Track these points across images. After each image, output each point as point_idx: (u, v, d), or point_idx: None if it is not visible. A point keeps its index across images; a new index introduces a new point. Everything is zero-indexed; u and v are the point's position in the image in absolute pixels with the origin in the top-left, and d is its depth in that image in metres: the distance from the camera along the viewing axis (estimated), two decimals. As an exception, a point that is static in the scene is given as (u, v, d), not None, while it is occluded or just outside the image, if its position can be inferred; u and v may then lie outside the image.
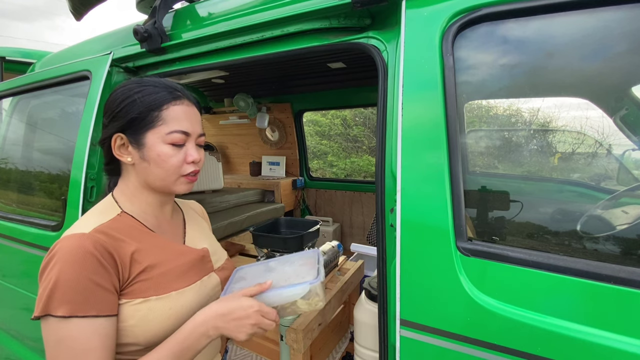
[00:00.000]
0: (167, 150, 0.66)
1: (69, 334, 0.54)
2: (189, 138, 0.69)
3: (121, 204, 0.70)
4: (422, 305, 0.73)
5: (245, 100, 2.88)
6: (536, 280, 0.65)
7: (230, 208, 2.65)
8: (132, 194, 0.71)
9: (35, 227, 1.46)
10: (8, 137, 1.85)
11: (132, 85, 0.68)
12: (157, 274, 0.65)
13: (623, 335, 0.57)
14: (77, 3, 1.35)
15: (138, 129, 0.66)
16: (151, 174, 0.68)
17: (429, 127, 0.74)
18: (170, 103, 0.67)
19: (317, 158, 7.42)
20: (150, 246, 0.67)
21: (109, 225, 0.64)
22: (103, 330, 0.57)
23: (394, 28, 0.86)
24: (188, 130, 0.68)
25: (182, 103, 0.69)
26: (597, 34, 0.69)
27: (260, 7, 1.01)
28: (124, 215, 0.69)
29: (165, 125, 0.66)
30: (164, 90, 0.68)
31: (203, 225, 0.88)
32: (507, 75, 0.78)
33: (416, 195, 0.74)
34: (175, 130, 0.67)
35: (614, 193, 0.82)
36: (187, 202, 0.93)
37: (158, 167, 0.67)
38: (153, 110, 0.66)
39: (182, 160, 0.68)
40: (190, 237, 0.80)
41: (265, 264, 0.80)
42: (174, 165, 0.67)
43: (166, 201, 0.76)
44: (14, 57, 2.60)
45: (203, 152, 0.75)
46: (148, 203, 0.72)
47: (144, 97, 0.66)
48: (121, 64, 1.30)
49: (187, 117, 0.69)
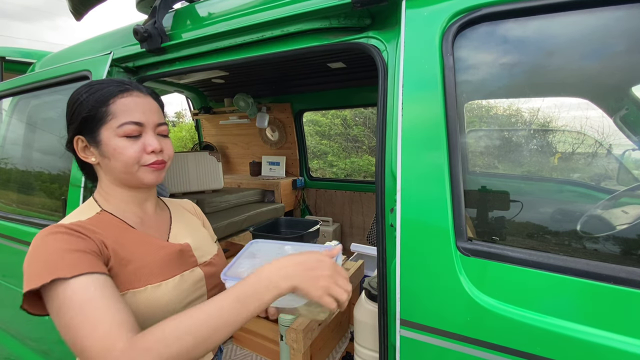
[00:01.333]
0: (122, 143, 0.67)
1: (67, 294, 0.52)
2: (144, 128, 0.69)
3: (100, 204, 0.72)
4: (422, 305, 0.73)
5: (245, 100, 2.88)
6: (536, 280, 0.65)
7: (230, 208, 2.65)
8: (107, 193, 0.73)
9: (35, 227, 1.46)
10: (8, 137, 1.85)
11: (81, 89, 0.70)
12: (134, 268, 0.65)
13: (623, 335, 0.57)
14: (77, 3, 1.35)
15: (92, 128, 0.67)
16: (113, 169, 0.68)
17: (429, 127, 0.74)
18: (117, 96, 0.67)
19: (317, 158, 7.42)
20: (128, 241, 0.68)
21: (86, 221, 0.66)
22: (100, 282, 0.55)
23: (394, 28, 0.86)
24: (140, 120, 0.68)
25: (131, 95, 0.69)
26: (597, 34, 0.69)
27: (260, 7, 1.00)
28: (103, 214, 0.70)
29: (115, 119, 0.66)
30: (110, 85, 0.69)
31: (191, 221, 0.88)
32: (507, 75, 0.78)
33: (416, 195, 0.74)
34: (126, 121, 0.66)
35: (614, 193, 0.82)
36: (178, 201, 0.93)
37: (117, 160, 0.67)
38: (101, 106, 0.66)
39: (139, 150, 0.68)
40: (175, 233, 0.79)
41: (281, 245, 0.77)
42: (132, 156, 0.67)
43: (144, 198, 0.76)
44: (14, 57, 2.60)
45: (169, 142, 0.74)
46: (124, 201, 0.73)
47: (91, 96, 0.67)
48: (121, 64, 1.30)
49: (138, 107, 0.69)
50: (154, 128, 0.70)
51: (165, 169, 0.74)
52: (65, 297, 0.52)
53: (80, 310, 0.51)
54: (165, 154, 0.72)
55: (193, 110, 3.43)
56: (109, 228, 0.67)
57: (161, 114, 0.74)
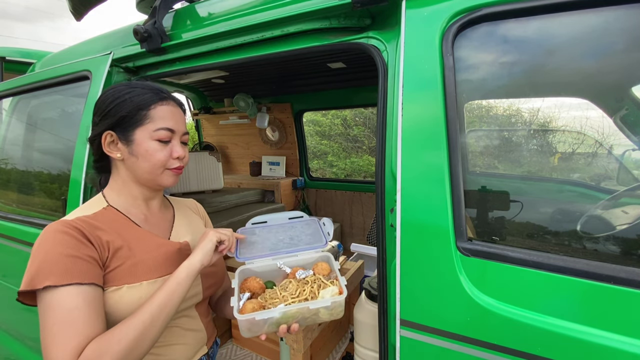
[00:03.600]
0: (155, 146, 0.72)
1: (53, 301, 0.57)
2: (174, 135, 0.75)
3: (109, 198, 0.76)
4: (422, 305, 0.73)
5: (245, 100, 2.88)
6: (536, 280, 0.65)
7: (230, 208, 2.65)
8: (120, 188, 0.77)
9: (35, 227, 1.46)
10: (8, 137, 1.85)
11: (121, 87, 0.74)
12: (131, 263, 0.68)
13: (623, 335, 0.57)
14: (77, 3, 1.35)
15: (127, 127, 0.72)
16: (139, 168, 0.73)
17: (429, 127, 0.74)
18: (157, 103, 0.73)
19: (317, 158, 7.42)
20: (129, 236, 0.71)
21: (91, 216, 0.70)
22: (87, 295, 0.59)
23: (394, 28, 0.86)
24: (173, 127, 0.75)
25: (168, 104, 0.75)
26: (597, 34, 0.69)
27: (260, 7, 1.00)
28: (109, 209, 0.74)
29: (152, 123, 0.72)
30: (151, 92, 0.74)
31: (193, 220, 0.91)
32: (507, 75, 0.78)
33: (416, 195, 0.74)
34: (162, 127, 0.73)
35: (614, 193, 0.82)
36: (182, 200, 0.97)
37: (146, 161, 0.72)
38: (142, 109, 0.72)
39: (168, 155, 0.74)
40: (176, 232, 0.83)
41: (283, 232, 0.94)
42: (161, 159, 0.73)
43: (152, 196, 0.81)
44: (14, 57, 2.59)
45: (187, 150, 0.80)
46: (134, 196, 0.78)
47: (133, 98, 0.72)
48: (121, 64, 1.30)
49: (173, 116, 0.75)
50: (180, 136, 0.77)
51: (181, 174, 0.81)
52: (52, 303, 0.57)
53: (62, 320, 0.56)
54: (184, 161, 0.78)
55: (193, 110, 3.42)
56: (112, 223, 0.71)
57: (185, 124, 0.80)
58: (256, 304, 0.74)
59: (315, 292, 0.77)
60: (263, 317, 0.69)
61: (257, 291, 0.80)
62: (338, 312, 0.74)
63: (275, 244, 0.91)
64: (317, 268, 0.85)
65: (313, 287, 0.79)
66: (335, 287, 0.77)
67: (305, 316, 0.72)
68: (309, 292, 0.77)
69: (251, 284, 0.81)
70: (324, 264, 0.86)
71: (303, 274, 0.83)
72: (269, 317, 0.69)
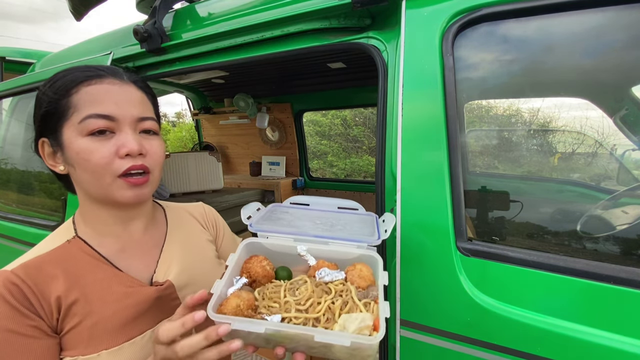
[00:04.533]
0: (86, 144, 0.50)
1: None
2: (118, 124, 0.52)
3: (77, 226, 0.58)
4: (422, 306, 0.73)
5: (245, 100, 2.88)
6: (536, 280, 0.64)
7: (230, 208, 2.65)
8: (85, 213, 0.58)
9: (35, 227, 1.46)
10: (8, 137, 1.85)
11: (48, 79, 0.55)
12: (90, 324, 0.51)
13: (623, 335, 0.57)
14: (77, 3, 1.35)
15: (53, 126, 0.52)
16: (82, 181, 0.53)
17: (429, 127, 0.74)
18: (82, 84, 0.51)
19: (317, 158, 7.42)
20: (92, 282, 0.53)
21: (46, 257, 0.53)
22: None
23: (394, 28, 0.85)
24: (110, 113, 0.51)
25: (101, 81, 0.53)
26: (597, 34, 0.69)
27: (260, 7, 1.00)
28: (74, 242, 0.56)
29: (77, 113, 0.50)
30: (75, 71, 0.53)
31: (192, 239, 0.69)
32: (507, 75, 0.78)
33: (416, 195, 0.74)
34: (89, 114, 0.50)
35: (614, 193, 0.82)
36: (186, 207, 0.75)
37: (83, 169, 0.51)
38: (61, 98, 0.51)
39: (109, 154, 0.51)
40: (164, 262, 0.62)
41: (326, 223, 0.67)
42: (99, 163, 0.50)
43: (131, 216, 0.60)
44: (14, 57, 2.59)
45: (157, 143, 0.57)
46: (104, 222, 0.57)
47: (52, 85, 0.52)
48: (121, 64, 1.30)
49: (110, 96, 0.52)
50: (132, 124, 0.53)
51: (151, 182, 0.56)
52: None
53: None
54: (149, 159, 0.54)
55: (193, 110, 3.42)
56: (72, 264, 0.53)
57: (147, 107, 0.57)
58: (245, 301, 0.50)
59: (335, 312, 0.50)
60: (241, 328, 0.45)
61: (259, 278, 0.56)
62: (363, 357, 0.48)
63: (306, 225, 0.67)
64: (353, 274, 0.57)
65: (335, 302, 0.51)
66: (369, 317, 0.48)
67: (311, 345, 0.47)
68: (325, 308, 0.50)
69: (254, 265, 0.56)
70: (366, 269, 0.58)
71: (329, 275, 0.56)
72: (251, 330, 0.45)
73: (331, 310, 0.50)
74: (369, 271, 0.58)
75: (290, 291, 0.53)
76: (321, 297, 0.52)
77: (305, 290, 0.53)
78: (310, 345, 0.47)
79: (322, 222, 0.70)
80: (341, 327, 0.46)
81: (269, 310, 0.51)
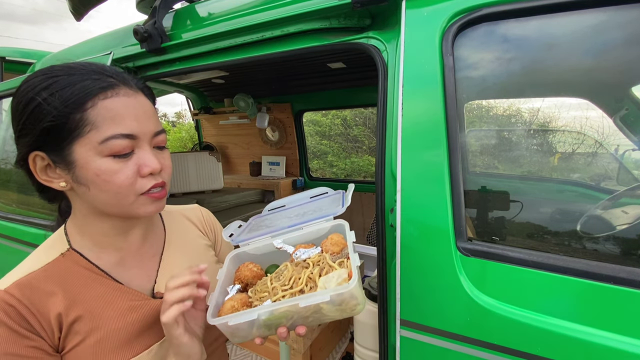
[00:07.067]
0: (108, 165, 0.47)
1: None
2: (138, 142, 0.50)
3: (71, 238, 0.55)
4: (422, 305, 0.73)
5: (245, 100, 2.88)
6: (536, 280, 0.65)
7: (230, 208, 2.65)
8: (83, 225, 0.55)
9: (35, 227, 1.46)
10: (8, 137, 1.85)
11: (38, 79, 0.47)
12: (96, 340, 0.49)
13: (623, 335, 0.57)
14: (77, 3, 1.35)
15: (59, 142, 0.47)
16: (96, 200, 0.50)
17: (429, 127, 0.74)
18: (98, 96, 0.47)
19: (317, 158, 7.42)
20: (93, 298, 0.52)
21: (40, 273, 0.50)
22: None
23: (394, 28, 0.85)
24: (134, 131, 0.48)
25: (119, 93, 0.48)
26: (597, 34, 0.69)
27: (260, 7, 1.00)
28: (69, 255, 0.53)
29: (96, 131, 0.46)
30: (86, 78, 0.47)
31: (191, 245, 0.68)
32: (507, 75, 0.78)
33: (416, 195, 0.74)
34: (113, 135, 0.47)
35: (614, 193, 0.82)
36: (182, 211, 0.73)
37: (101, 191, 0.48)
38: (73, 112, 0.46)
39: (132, 174, 0.49)
40: (166, 269, 0.60)
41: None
42: (123, 184, 0.48)
43: (131, 225, 0.57)
44: (14, 57, 2.59)
45: (167, 155, 0.55)
46: (104, 234, 0.55)
47: (56, 94, 0.46)
48: (121, 64, 1.30)
49: (130, 112, 0.49)
50: (150, 140, 0.51)
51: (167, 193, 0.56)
52: None
53: None
54: (164, 173, 0.54)
55: (193, 110, 3.43)
56: (70, 279, 0.51)
57: (157, 117, 0.55)
58: (238, 300, 0.54)
59: (315, 279, 0.54)
60: (238, 321, 0.49)
61: (250, 280, 0.61)
62: (351, 307, 0.51)
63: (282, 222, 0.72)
64: (326, 244, 0.61)
65: (313, 272, 0.55)
66: (344, 271, 0.53)
67: (304, 315, 0.51)
68: (305, 280, 0.54)
69: (242, 272, 0.60)
70: (337, 236, 0.62)
71: (304, 253, 0.60)
72: (247, 320, 0.49)
73: (312, 280, 0.54)
74: (340, 237, 0.63)
75: (276, 279, 0.58)
76: (300, 273, 0.56)
77: (288, 272, 0.57)
78: (304, 316, 0.51)
79: (296, 214, 0.76)
80: (322, 288, 0.51)
81: (261, 300, 0.55)
